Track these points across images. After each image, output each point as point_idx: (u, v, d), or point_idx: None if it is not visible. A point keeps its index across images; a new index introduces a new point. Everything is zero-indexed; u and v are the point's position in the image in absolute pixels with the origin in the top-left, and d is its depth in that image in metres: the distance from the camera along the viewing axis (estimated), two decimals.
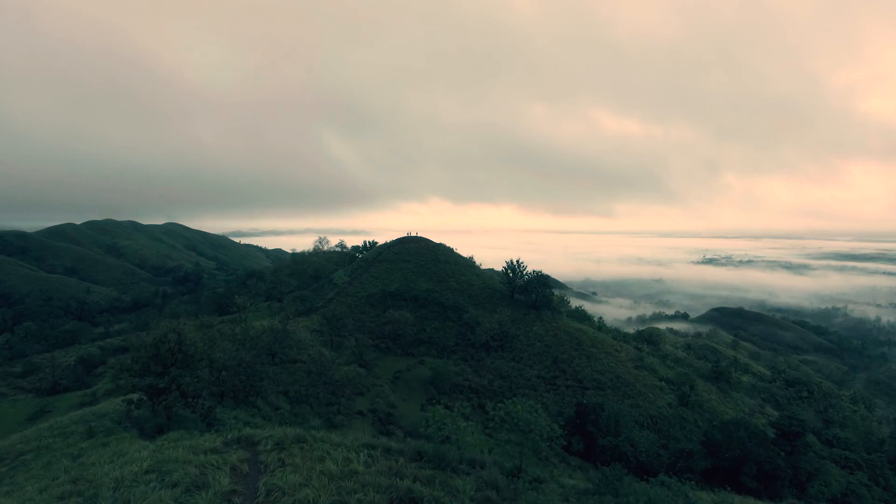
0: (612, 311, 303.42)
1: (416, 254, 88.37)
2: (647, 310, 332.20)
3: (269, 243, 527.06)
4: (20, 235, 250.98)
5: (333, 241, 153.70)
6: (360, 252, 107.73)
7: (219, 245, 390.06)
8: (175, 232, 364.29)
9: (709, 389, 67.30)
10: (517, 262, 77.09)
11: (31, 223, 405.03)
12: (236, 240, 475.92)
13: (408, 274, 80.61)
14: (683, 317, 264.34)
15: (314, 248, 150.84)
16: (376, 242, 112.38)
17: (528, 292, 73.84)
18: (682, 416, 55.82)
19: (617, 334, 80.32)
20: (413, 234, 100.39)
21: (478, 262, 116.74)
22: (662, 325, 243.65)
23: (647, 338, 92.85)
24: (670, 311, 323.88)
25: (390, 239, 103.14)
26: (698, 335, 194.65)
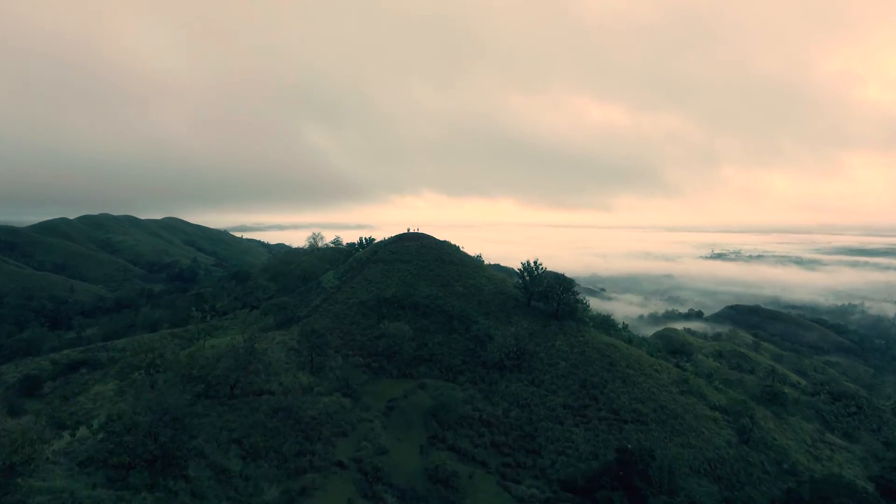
0: (623, 308, 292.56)
1: (416, 253, 77.37)
2: (659, 307, 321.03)
3: (272, 238, 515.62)
4: (9, 230, 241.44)
5: (330, 237, 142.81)
6: (356, 249, 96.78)
7: (219, 240, 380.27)
8: (174, 227, 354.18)
9: (764, 416, 56.31)
10: (535, 263, 66.03)
11: (24, 217, 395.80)
12: (238, 234, 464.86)
13: (406, 277, 69.62)
14: (698, 315, 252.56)
15: (308, 245, 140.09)
16: (373, 239, 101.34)
17: (548, 299, 62.84)
18: (745, 459, 44.86)
19: (651, 347, 69.17)
20: (414, 231, 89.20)
21: (486, 260, 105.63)
22: (678, 325, 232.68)
23: (678, 348, 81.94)
24: (683, 309, 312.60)
25: (391, 234, 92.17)
26: (718, 336, 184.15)
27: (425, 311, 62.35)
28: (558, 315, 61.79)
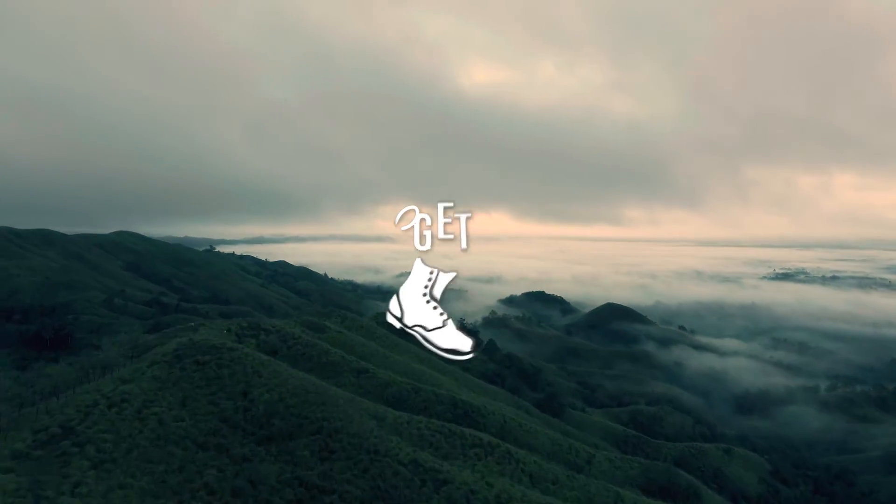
0: (740, 369, 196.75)
1: None
2: (781, 355, 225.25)
3: (269, 253, 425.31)
4: None
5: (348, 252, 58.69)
6: None
7: (185, 261, 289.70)
8: (120, 244, 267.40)
9: None
10: None
11: None
12: (230, 250, 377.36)
13: None
14: (894, 395, 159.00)
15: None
16: None
17: None
18: None
19: None
20: None
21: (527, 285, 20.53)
22: (880, 425, 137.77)
23: None
24: (819, 362, 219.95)
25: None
26: None
27: None
28: None
